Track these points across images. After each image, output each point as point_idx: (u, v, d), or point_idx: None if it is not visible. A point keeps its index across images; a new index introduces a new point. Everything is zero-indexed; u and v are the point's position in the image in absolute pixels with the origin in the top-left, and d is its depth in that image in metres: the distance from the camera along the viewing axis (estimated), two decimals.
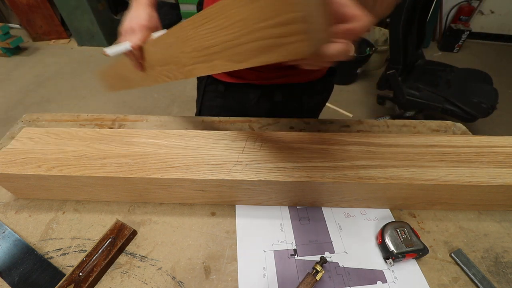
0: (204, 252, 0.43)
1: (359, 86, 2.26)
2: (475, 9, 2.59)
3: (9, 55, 2.57)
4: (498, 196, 0.44)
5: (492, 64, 2.46)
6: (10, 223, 0.46)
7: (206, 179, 0.42)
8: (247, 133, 0.49)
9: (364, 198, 0.46)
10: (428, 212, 0.48)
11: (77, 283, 0.37)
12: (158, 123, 0.64)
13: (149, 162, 0.44)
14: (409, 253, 0.40)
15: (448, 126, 0.64)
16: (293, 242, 0.44)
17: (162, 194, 0.46)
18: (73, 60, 2.58)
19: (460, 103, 1.38)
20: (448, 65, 1.63)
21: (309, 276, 0.39)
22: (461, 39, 2.53)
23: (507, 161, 0.45)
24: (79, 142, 0.48)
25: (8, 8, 2.80)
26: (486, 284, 0.39)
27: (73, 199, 0.49)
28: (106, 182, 0.44)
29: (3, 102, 2.08)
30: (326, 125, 0.63)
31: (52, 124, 0.64)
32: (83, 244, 0.44)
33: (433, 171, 0.43)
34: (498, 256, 0.43)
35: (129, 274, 0.40)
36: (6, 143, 0.58)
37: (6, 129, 1.96)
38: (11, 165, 0.43)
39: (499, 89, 1.47)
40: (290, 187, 0.44)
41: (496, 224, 0.47)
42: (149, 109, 2.04)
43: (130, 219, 0.47)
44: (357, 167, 0.44)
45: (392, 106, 1.94)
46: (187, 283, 0.39)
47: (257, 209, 0.48)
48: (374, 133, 0.50)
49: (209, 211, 0.48)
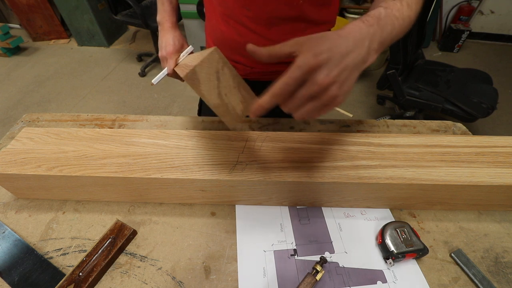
0: (204, 252, 0.43)
1: (359, 86, 2.26)
2: (475, 9, 2.58)
3: (9, 55, 2.57)
4: (498, 196, 0.44)
5: (492, 64, 2.45)
6: (10, 223, 0.46)
7: (206, 179, 0.42)
8: (247, 133, 0.49)
9: (364, 198, 0.46)
10: (428, 212, 0.48)
11: (77, 283, 0.37)
12: (158, 123, 0.64)
13: (149, 162, 0.44)
14: (409, 253, 0.40)
15: (448, 126, 0.64)
16: (293, 242, 0.44)
17: (162, 194, 0.46)
18: (73, 60, 2.58)
19: (460, 103, 1.38)
20: (448, 65, 1.62)
21: (309, 276, 0.39)
22: (461, 39, 2.53)
23: (507, 161, 0.45)
24: (79, 142, 0.48)
25: (8, 8, 2.80)
26: (486, 284, 0.39)
27: (73, 199, 0.49)
28: (106, 182, 0.44)
29: (3, 102, 2.08)
30: (326, 125, 0.63)
31: (52, 124, 0.64)
32: (83, 244, 0.44)
33: (433, 171, 0.43)
34: (498, 256, 0.43)
35: (129, 274, 0.40)
36: (6, 143, 0.58)
37: (6, 129, 1.96)
38: (11, 165, 0.43)
39: (499, 89, 1.47)
40: (290, 187, 0.44)
41: (496, 224, 0.47)
42: (149, 109, 2.04)
43: (130, 219, 0.47)
44: (357, 167, 0.44)
45: (392, 106, 1.94)
46: (187, 283, 0.39)
47: (257, 209, 0.48)
48: (374, 133, 0.50)
49: (209, 211, 0.48)
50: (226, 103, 0.35)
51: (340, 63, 0.28)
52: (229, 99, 0.35)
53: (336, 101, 0.29)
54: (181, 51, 0.48)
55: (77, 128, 0.59)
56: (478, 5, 2.57)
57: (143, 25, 2.01)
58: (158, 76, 0.46)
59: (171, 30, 0.51)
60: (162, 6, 0.55)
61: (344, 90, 0.29)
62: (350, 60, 0.29)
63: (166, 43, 0.49)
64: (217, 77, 0.34)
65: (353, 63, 0.29)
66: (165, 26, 0.52)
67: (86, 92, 2.19)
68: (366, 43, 0.30)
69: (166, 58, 0.47)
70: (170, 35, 0.50)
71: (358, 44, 0.30)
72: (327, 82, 0.27)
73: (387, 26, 0.34)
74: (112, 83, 2.29)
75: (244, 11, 0.54)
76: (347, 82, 0.29)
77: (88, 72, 2.42)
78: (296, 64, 0.27)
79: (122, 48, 2.75)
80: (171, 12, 0.54)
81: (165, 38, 0.50)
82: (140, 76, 2.34)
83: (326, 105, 0.29)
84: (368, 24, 0.32)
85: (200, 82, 0.33)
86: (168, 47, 0.48)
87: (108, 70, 2.43)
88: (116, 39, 2.86)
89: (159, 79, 0.46)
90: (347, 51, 0.28)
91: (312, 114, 0.30)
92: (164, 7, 0.54)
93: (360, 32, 0.30)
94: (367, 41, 0.30)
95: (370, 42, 0.31)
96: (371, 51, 0.31)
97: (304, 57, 0.27)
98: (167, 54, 0.47)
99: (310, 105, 0.29)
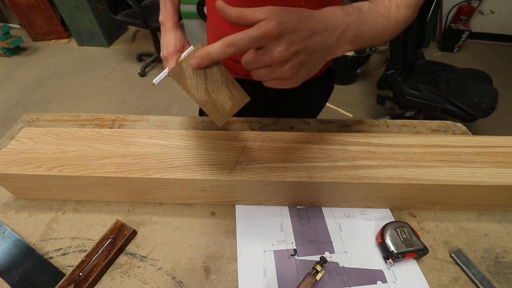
0: (204, 252, 0.43)
1: (359, 86, 2.26)
2: (475, 9, 2.58)
3: (9, 55, 2.57)
4: (498, 196, 0.44)
5: (492, 64, 2.45)
6: (10, 223, 0.46)
7: (206, 179, 0.42)
8: (247, 133, 0.49)
9: (364, 198, 0.46)
10: (428, 212, 0.48)
11: (77, 283, 0.37)
12: (158, 123, 0.64)
13: (149, 162, 0.44)
14: (409, 253, 0.40)
15: (448, 126, 0.64)
16: (293, 242, 0.44)
17: (162, 194, 0.46)
18: (73, 60, 2.58)
19: (460, 103, 1.38)
20: (448, 65, 1.62)
21: (309, 276, 0.39)
22: (461, 39, 2.53)
23: (507, 161, 0.45)
24: (79, 142, 0.48)
25: (8, 8, 2.80)
26: (486, 284, 0.39)
27: (73, 199, 0.49)
28: (106, 182, 0.44)
29: (3, 102, 2.08)
30: (326, 125, 0.63)
31: (52, 124, 0.64)
32: (83, 244, 0.44)
33: (433, 171, 0.43)
34: (498, 256, 0.43)
35: (129, 274, 0.40)
36: (6, 143, 0.58)
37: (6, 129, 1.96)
38: (11, 165, 0.43)
39: (499, 89, 1.47)
40: (290, 187, 0.44)
41: (496, 224, 0.47)
42: (149, 109, 2.04)
43: (130, 219, 0.47)
44: (357, 167, 0.44)
45: (392, 106, 1.94)
46: (187, 283, 0.39)
47: (257, 209, 0.48)
48: (374, 133, 0.50)
49: (209, 211, 0.48)
50: (214, 100, 0.34)
51: (301, 41, 0.26)
52: (217, 96, 0.35)
53: (284, 82, 0.28)
54: (182, 51, 0.48)
55: (77, 128, 0.59)
56: (478, 5, 2.57)
57: (143, 25, 2.00)
58: (159, 76, 0.46)
59: (172, 30, 0.52)
60: (164, 7, 0.55)
61: (297, 74, 0.28)
62: (313, 42, 0.27)
63: (168, 43, 0.49)
64: (204, 72, 0.33)
65: (317, 46, 0.27)
66: (167, 26, 0.53)
67: (86, 92, 2.19)
68: (338, 31, 0.28)
69: (167, 58, 0.48)
70: (172, 35, 0.50)
71: (329, 29, 0.28)
72: (280, 57, 0.26)
73: (368, 21, 0.31)
74: (112, 83, 2.29)
75: None
76: (304, 66, 0.28)
77: (88, 72, 2.42)
78: (257, 25, 0.26)
79: (122, 48, 2.75)
80: (173, 13, 0.55)
81: (166, 38, 0.50)
82: (140, 76, 2.34)
83: (276, 79, 0.28)
84: (347, 13, 0.30)
85: (186, 77, 0.33)
86: (169, 47, 0.48)
87: (108, 70, 2.43)
88: (116, 39, 2.86)
89: (160, 79, 0.46)
90: (315, 32, 0.27)
91: (264, 81, 0.29)
92: (166, 7, 0.55)
93: (335, 18, 0.28)
94: (339, 29, 0.28)
95: (343, 31, 0.29)
96: (342, 41, 0.29)
97: (268, 21, 0.25)
98: (168, 54, 0.47)
99: (262, 70, 0.28)
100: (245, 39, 0.26)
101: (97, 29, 2.59)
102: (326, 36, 0.27)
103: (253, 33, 0.26)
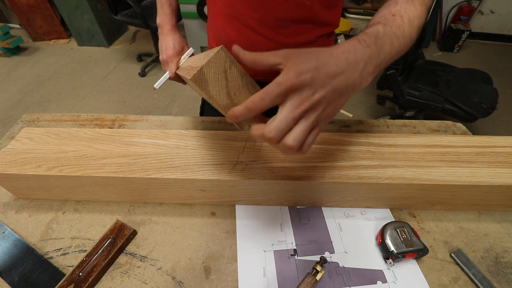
0: (204, 252, 0.43)
1: None
2: (475, 9, 2.58)
3: (9, 55, 2.57)
4: (498, 196, 0.44)
5: (492, 64, 2.45)
6: (10, 223, 0.46)
7: (206, 179, 0.42)
8: (247, 133, 0.49)
9: (364, 198, 0.46)
10: (428, 212, 0.48)
11: (77, 283, 0.37)
12: (158, 123, 0.64)
13: (149, 162, 0.44)
14: (409, 253, 0.40)
15: (448, 126, 0.64)
16: (293, 242, 0.44)
17: (162, 194, 0.46)
18: (73, 60, 2.58)
19: (460, 103, 1.38)
20: (448, 65, 1.62)
21: (309, 276, 0.39)
22: (461, 39, 2.53)
23: (507, 161, 0.45)
24: (79, 142, 0.48)
25: (8, 8, 2.80)
26: (486, 284, 0.39)
27: (73, 199, 0.49)
28: (106, 182, 0.44)
29: (3, 102, 2.08)
30: (326, 125, 0.63)
31: (52, 124, 0.64)
32: (83, 244, 0.44)
33: (433, 171, 0.43)
34: (498, 256, 0.43)
35: (129, 274, 0.40)
36: (6, 143, 0.58)
37: (6, 129, 1.96)
38: (11, 165, 0.43)
39: (499, 89, 1.47)
40: (290, 187, 0.44)
41: (496, 224, 0.47)
42: (149, 109, 2.04)
43: (130, 219, 0.47)
44: (357, 167, 0.44)
45: (392, 106, 1.94)
46: (187, 283, 0.39)
47: (257, 209, 0.48)
48: (374, 133, 0.50)
49: (209, 211, 0.48)
50: (235, 103, 0.34)
51: (326, 85, 0.25)
52: (238, 99, 0.34)
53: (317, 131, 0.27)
54: (181, 54, 0.48)
55: (77, 128, 0.59)
56: (478, 5, 2.57)
57: (143, 25, 2.01)
58: (160, 80, 0.46)
59: (171, 33, 0.51)
60: (161, 9, 0.54)
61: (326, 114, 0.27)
62: (338, 83, 0.26)
63: (166, 46, 0.48)
64: (225, 76, 0.33)
65: (342, 86, 0.26)
66: (164, 29, 0.52)
67: (86, 92, 2.19)
68: (361, 66, 0.28)
69: (167, 61, 0.47)
70: (170, 38, 0.49)
71: (351, 66, 0.27)
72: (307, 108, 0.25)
73: (385, 46, 0.31)
74: (112, 83, 2.29)
75: (251, 13, 0.53)
76: (330, 106, 0.27)
77: (88, 72, 2.42)
78: (277, 80, 0.25)
79: (122, 48, 2.75)
80: (170, 15, 0.54)
81: (165, 41, 0.49)
82: (140, 76, 2.34)
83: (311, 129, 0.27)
84: (365, 45, 0.29)
85: (208, 83, 0.32)
86: (168, 50, 0.48)
87: (108, 70, 2.43)
88: (116, 39, 2.86)
89: (161, 83, 0.45)
90: (336, 72, 0.26)
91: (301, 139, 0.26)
92: (163, 9, 0.54)
93: (355, 54, 0.28)
94: (361, 64, 0.28)
95: (365, 64, 0.28)
96: (365, 74, 0.28)
97: (287, 74, 0.25)
98: (168, 58, 0.47)
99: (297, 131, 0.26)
100: (266, 99, 0.26)
101: (97, 29, 2.59)
102: (349, 75, 0.27)
103: (274, 90, 0.25)
